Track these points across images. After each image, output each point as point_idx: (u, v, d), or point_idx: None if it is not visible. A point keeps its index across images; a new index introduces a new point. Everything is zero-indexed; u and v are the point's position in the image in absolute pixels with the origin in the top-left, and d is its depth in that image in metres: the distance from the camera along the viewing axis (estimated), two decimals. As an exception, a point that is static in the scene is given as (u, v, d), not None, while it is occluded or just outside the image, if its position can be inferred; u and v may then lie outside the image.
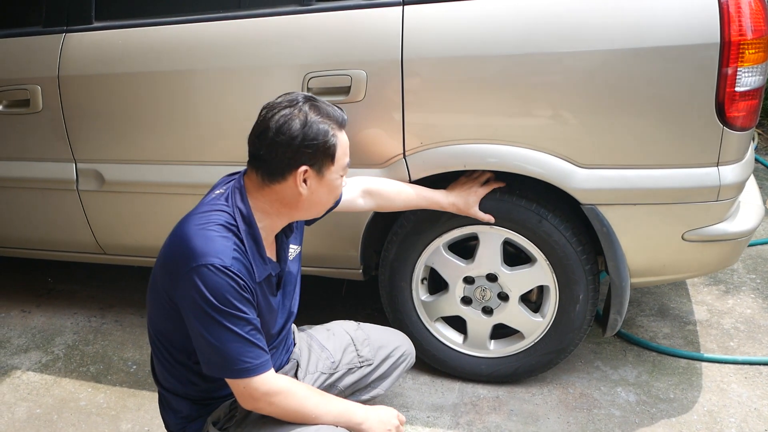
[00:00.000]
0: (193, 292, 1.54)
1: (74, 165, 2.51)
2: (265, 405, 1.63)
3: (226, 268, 1.54)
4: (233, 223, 1.62)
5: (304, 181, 1.63)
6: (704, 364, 2.55)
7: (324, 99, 2.07)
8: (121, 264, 2.81)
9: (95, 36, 2.37)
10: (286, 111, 1.60)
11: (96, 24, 2.37)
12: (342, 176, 1.72)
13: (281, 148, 1.60)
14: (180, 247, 1.59)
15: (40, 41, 2.44)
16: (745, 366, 2.52)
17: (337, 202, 2.01)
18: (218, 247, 1.56)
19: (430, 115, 2.09)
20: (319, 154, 1.62)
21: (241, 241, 1.62)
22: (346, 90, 2.10)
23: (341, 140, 1.67)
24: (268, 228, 1.70)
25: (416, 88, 2.06)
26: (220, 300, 1.54)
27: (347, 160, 1.71)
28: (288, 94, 1.67)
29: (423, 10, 2.04)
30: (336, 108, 1.68)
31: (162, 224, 1.66)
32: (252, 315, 1.61)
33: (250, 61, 2.19)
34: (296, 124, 1.59)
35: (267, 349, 1.64)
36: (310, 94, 1.70)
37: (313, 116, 1.61)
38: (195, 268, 1.54)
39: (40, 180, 2.58)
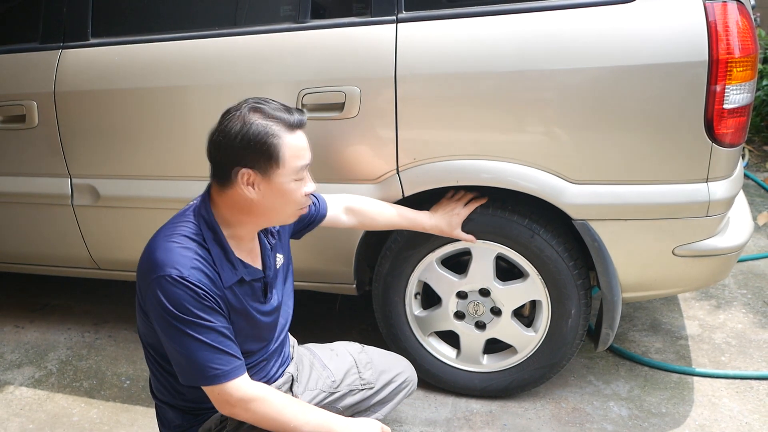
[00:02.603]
0: (155, 302, 1.58)
1: (69, 180, 2.52)
2: (242, 411, 1.64)
3: (183, 278, 1.56)
4: (197, 232, 1.65)
5: (252, 185, 1.62)
6: (696, 378, 2.56)
7: (318, 115, 2.11)
8: (115, 279, 2.82)
9: (92, 52, 2.38)
10: (231, 114, 1.61)
11: (92, 41, 2.39)
12: (297, 180, 1.64)
13: (223, 150, 1.61)
14: (145, 259, 1.63)
15: (37, 57, 2.45)
16: (737, 380, 2.53)
17: (320, 216, 2.04)
18: (176, 257, 1.58)
19: (423, 132, 2.11)
20: (260, 156, 1.60)
21: (207, 249, 1.64)
22: (340, 106, 2.12)
23: (288, 142, 1.60)
24: (236, 235, 1.70)
25: (409, 104, 2.08)
26: (180, 309, 1.56)
27: (300, 163, 1.63)
28: (246, 98, 1.66)
29: (416, 27, 2.06)
30: (291, 110, 1.63)
31: (156, 239, 1.68)
32: (218, 323, 1.62)
33: (246, 78, 2.21)
34: (236, 125, 1.59)
35: (239, 356, 1.65)
36: (263, 97, 1.65)
37: (254, 117, 1.59)
38: (155, 279, 1.57)
39: (35, 195, 2.59)
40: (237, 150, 1.59)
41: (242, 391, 1.63)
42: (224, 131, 1.60)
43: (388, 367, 2.12)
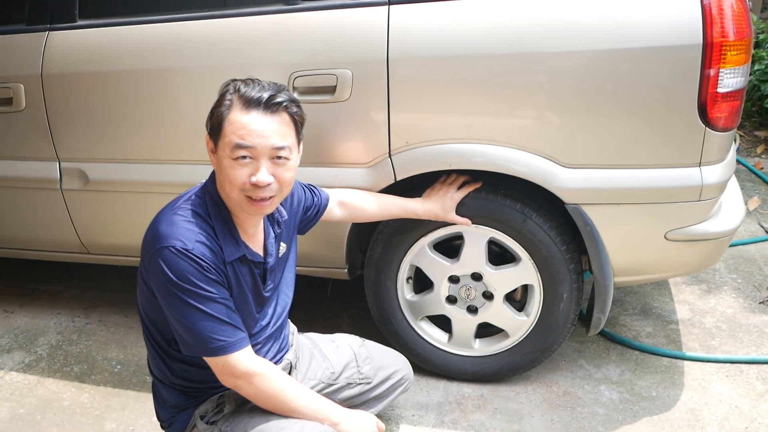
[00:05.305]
0: (158, 273, 1.58)
1: (58, 164, 2.50)
2: (245, 384, 1.65)
3: (187, 250, 1.57)
4: (203, 206, 1.67)
5: (211, 152, 1.67)
6: (686, 362, 2.57)
7: (310, 98, 2.09)
8: (105, 264, 2.80)
9: (79, 34, 2.35)
10: None
11: (80, 22, 2.36)
12: (233, 159, 1.59)
13: None
14: (150, 231, 1.65)
15: (24, 39, 2.42)
16: (727, 364, 2.55)
17: (322, 209, 2.05)
18: (181, 230, 1.60)
19: (415, 115, 2.10)
20: (214, 123, 1.63)
21: (211, 224, 1.65)
22: (331, 89, 2.10)
23: (234, 116, 1.59)
24: (237, 215, 1.70)
25: (402, 87, 2.06)
26: (182, 280, 1.57)
27: (236, 141, 1.57)
28: None
29: (409, 9, 2.04)
30: (267, 90, 1.60)
31: (146, 223, 1.67)
32: (221, 295, 1.63)
33: (236, 60, 2.19)
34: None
35: (242, 328, 1.66)
36: (257, 78, 1.66)
37: (227, 88, 1.63)
38: (158, 250, 1.58)
39: (23, 179, 2.57)
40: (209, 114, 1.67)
41: (247, 364, 1.64)
42: None
43: (386, 363, 2.13)
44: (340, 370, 2.03)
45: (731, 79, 1.90)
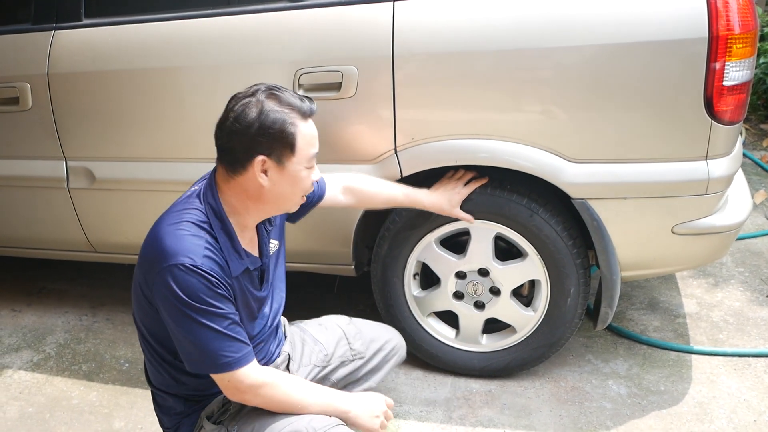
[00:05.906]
0: (166, 291, 1.55)
1: (64, 163, 2.50)
2: (252, 396, 1.65)
3: (196, 267, 1.54)
4: (205, 220, 1.63)
5: (264, 172, 1.61)
6: (694, 356, 2.57)
7: (315, 95, 2.09)
8: (112, 262, 2.81)
9: (85, 33, 2.36)
10: (245, 100, 1.59)
11: (85, 21, 2.36)
12: (308, 168, 1.65)
13: (238, 137, 1.58)
14: (152, 247, 1.59)
15: (30, 39, 2.42)
16: (735, 358, 2.54)
17: (317, 198, 2.03)
18: (188, 245, 1.56)
19: (421, 111, 2.10)
20: (277, 144, 1.59)
21: (215, 238, 1.62)
22: (337, 86, 2.10)
23: (303, 130, 1.61)
24: (241, 224, 1.69)
25: (407, 83, 2.06)
26: (193, 298, 1.54)
27: (313, 151, 1.64)
28: (254, 84, 1.63)
29: (414, 5, 2.04)
30: (303, 98, 1.63)
31: (152, 222, 1.67)
32: (228, 310, 1.61)
33: (241, 58, 2.19)
34: (253, 112, 1.57)
35: (248, 342, 1.65)
36: (276, 84, 1.64)
37: (271, 105, 1.58)
38: (166, 268, 1.54)
39: (29, 178, 2.57)
40: (254, 137, 1.57)
41: (252, 377, 1.63)
42: (239, 118, 1.57)
43: (376, 335, 2.12)
44: (332, 350, 2.03)
45: (737, 72, 1.90)
